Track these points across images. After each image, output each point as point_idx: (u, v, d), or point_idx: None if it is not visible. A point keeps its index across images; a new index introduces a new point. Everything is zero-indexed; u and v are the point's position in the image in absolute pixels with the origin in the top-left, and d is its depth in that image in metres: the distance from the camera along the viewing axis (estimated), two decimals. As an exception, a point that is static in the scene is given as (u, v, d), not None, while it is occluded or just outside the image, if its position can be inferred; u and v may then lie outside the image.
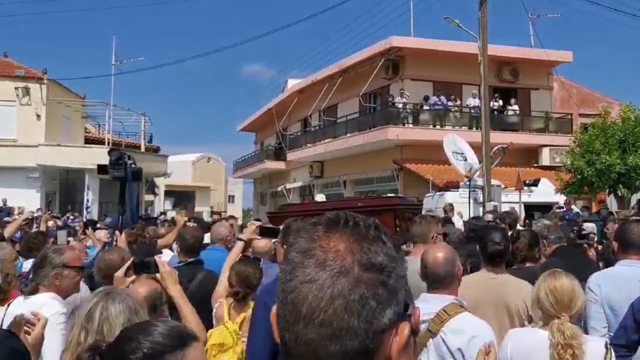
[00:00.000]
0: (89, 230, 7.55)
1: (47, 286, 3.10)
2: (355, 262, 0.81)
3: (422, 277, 2.90)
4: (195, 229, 5.00)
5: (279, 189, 33.62)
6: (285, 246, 2.99)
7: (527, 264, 4.32)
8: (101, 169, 6.53)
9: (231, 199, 56.73)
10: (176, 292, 2.88)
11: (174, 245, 6.01)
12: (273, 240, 4.35)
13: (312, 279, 0.80)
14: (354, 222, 0.86)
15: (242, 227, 9.27)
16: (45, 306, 2.97)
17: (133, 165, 5.54)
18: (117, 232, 5.03)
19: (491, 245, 3.61)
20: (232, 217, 13.27)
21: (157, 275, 2.96)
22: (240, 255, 3.89)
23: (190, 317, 2.81)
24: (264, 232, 4.12)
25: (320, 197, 17.50)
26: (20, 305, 3.05)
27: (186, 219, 8.46)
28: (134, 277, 2.98)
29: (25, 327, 2.02)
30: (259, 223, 4.38)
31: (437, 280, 2.81)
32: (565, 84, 25.52)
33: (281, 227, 3.83)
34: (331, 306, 0.79)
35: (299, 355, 0.81)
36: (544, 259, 4.66)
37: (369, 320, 0.80)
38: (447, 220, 9.97)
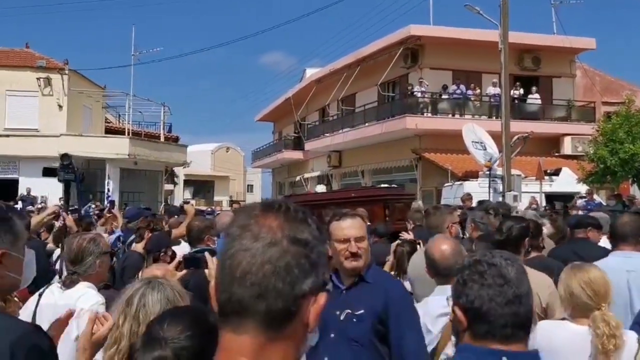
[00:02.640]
0: (115, 210, 7.74)
1: (87, 276, 3.12)
2: (284, 237, 0.95)
3: (430, 274, 2.83)
4: (198, 219, 5.00)
5: (297, 178, 33.69)
6: None
7: (533, 254, 4.27)
8: (49, 171, 6.97)
9: (250, 188, 57.00)
10: None
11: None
12: None
13: (247, 248, 0.94)
14: (285, 206, 1.00)
15: None
16: (83, 297, 2.99)
17: (77, 170, 6.13)
18: (63, 213, 5.40)
19: (495, 235, 3.58)
20: (236, 202, 13.28)
21: (206, 271, 2.96)
22: None
23: None
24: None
25: (320, 188, 17.66)
26: (56, 296, 3.07)
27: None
28: (184, 271, 2.99)
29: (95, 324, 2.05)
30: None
31: (449, 274, 2.74)
32: (588, 72, 25.10)
33: None
34: (261, 270, 0.92)
35: (231, 313, 0.93)
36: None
37: (291, 285, 0.93)
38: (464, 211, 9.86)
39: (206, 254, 2.98)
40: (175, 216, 8.53)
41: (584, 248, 4.42)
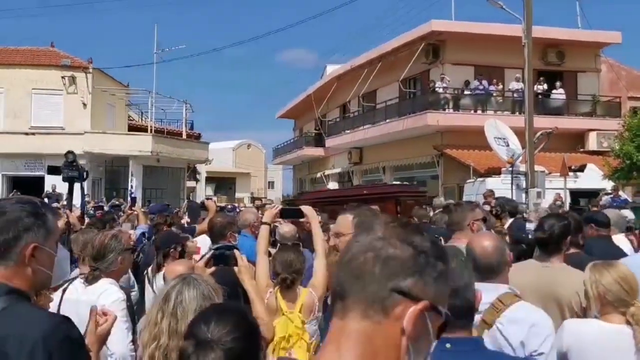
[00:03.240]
0: (136, 207, 7.85)
1: (109, 272, 3.16)
2: (394, 235, 1.02)
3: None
4: (221, 215, 5.02)
5: (318, 175, 33.72)
6: (340, 237, 3.05)
7: (572, 250, 4.21)
8: (54, 169, 7.05)
9: (271, 185, 57.21)
10: (251, 287, 2.87)
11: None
12: (301, 220, 4.28)
13: (359, 240, 1.03)
14: (404, 221, 1.09)
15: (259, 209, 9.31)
16: (105, 293, 3.04)
17: (81, 167, 6.19)
18: (67, 211, 5.49)
19: (536, 233, 3.54)
20: (258, 199, 13.25)
21: (236, 268, 2.98)
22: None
23: (261, 314, 2.79)
24: (286, 213, 3.96)
25: (332, 185, 17.74)
26: (79, 292, 3.12)
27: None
28: (213, 268, 3.02)
29: (97, 318, 2.10)
30: (280, 205, 4.19)
31: (491, 271, 2.70)
32: (613, 66, 24.66)
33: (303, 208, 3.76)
34: (364, 255, 1.00)
35: (337, 298, 1.01)
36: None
37: (388, 276, 0.98)
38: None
39: (235, 251, 3.00)
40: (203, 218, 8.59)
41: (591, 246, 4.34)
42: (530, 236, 5.00)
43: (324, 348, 1.01)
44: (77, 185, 6.92)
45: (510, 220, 7.89)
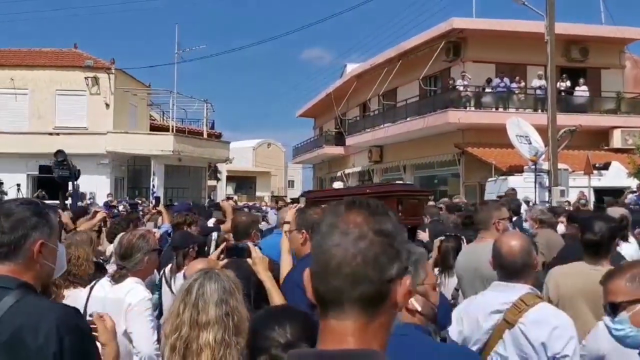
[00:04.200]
0: (160, 206, 7.92)
1: (135, 271, 3.22)
2: (369, 230, 1.07)
3: (494, 267, 2.79)
4: (245, 214, 5.04)
5: (338, 174, 33.69)
6: (304, 231, 3.19)
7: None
8: (45, 169, 7.29)
9: (291, 184, 57.34)
10: (267, 277, 2.91)
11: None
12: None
13: (338, 243, 1.06)
14: (366, 203, 1.13)
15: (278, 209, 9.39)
16: (131, 292, 3.09)
17: (73, 166, 6.19)
18: (60, 211, 5.53)
19: (586, 236, 3.46)
20: (280, 198, 13.24)
21: (249, 260, 3.02)
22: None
23: (279, 303, 2.83)
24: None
25: (337, 185, 17.88)
26: (106, 290, 3.17)
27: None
28: (226, 260, 3.06)
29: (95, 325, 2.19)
30: (298, 205, 4.26)
31: (514, 271, 2.68)
32: (638, 62, 24.21)
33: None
34: (353, 261, 1.05)
35: (331, 301, 1.06)
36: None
37: (380, 272, 1.06)
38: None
39: (249, 244, 3.03)
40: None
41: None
42: (527, 234, 4.94)
43: (325, 349, 1.06)
44: (103, 185, 7.00)
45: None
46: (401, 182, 17.81)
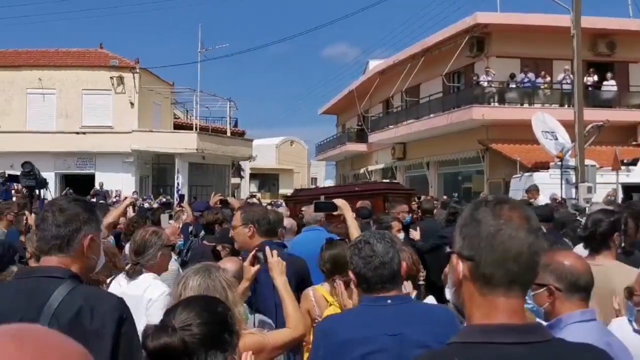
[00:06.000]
0: (184, 203, 7.99)
1: (148, 267, 3.26)
2: (530, 227, 1.31)
3: None
4: (272, 212, 5.06)
5: (361, 171, 33.62)
6: (250, 225, 3.58)
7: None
8: (12, 177, 7.89)
9: (314, 181, 57.37)
10: (280, 283, 2.87)
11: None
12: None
13: (514, 235, 1.29)
14: (514, 202, 1.37)
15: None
16: (150, 287, 3.13)
17: (40, 176, 6.64)
18: (27, 212, 5.75)
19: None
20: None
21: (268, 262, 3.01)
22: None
23: (291, 310, 2.77)
24: (319, 207, 4.30)
25: (328, 182, 17.93)
26: (122, 286, 3.21)
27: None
28: (257, 266, 3.06)
29: None
30: (315, 201, 4.49)
31: None
32: (668, 56, 23.63)
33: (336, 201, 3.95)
34: (529, 251, 1.29)
35: (503, 283, 1.29)
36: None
37: (539, 263, 1.34)
38: (528, 204, 9.66)
39: (266, 247, 3.01)
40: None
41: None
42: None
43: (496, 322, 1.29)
44: (128, 182, 7.09)
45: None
46: (396, 181, 17.84)
